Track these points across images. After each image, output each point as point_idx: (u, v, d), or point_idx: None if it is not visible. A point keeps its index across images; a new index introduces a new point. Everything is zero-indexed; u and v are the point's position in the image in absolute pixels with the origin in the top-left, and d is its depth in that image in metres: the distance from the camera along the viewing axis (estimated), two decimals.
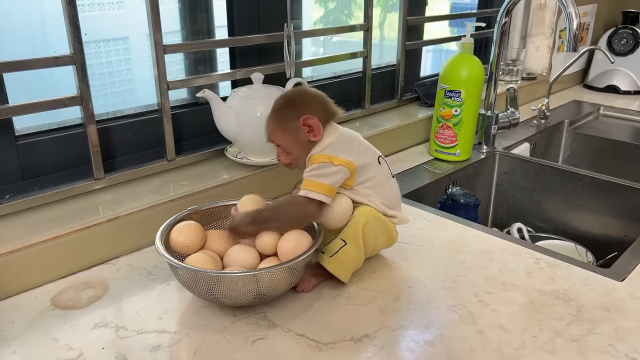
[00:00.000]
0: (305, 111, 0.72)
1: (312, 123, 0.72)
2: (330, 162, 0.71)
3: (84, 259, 0.79)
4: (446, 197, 1.09)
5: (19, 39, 0.87)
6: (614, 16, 2.03)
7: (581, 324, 0.68)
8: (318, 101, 0.75)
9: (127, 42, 1.02)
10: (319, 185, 0.70)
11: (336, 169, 0.71)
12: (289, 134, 0.73)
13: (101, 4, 0.94)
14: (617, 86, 1.89)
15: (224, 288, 0.65)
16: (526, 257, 0.84)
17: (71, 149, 0.89)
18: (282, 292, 0.70)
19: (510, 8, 1.20)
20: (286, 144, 0.74)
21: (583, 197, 1.21)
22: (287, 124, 0.73)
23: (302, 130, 0.72)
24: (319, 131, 0.73)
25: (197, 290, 0.68)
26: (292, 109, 0.73)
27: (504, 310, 0.71)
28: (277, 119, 0.74)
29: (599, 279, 0.78)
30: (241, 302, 0.68)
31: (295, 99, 0.75)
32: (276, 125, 0.74)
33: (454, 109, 1.18)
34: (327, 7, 1.48)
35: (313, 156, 0.73)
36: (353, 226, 0.74)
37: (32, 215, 0.81)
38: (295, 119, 0.72)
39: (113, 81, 1.01)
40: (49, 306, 0.71)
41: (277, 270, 0.66)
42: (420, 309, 0.71)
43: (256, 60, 1.10)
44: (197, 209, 0.78)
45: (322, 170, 0.71)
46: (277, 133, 0.74)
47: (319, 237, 0.72)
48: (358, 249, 0.74)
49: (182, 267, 0.66)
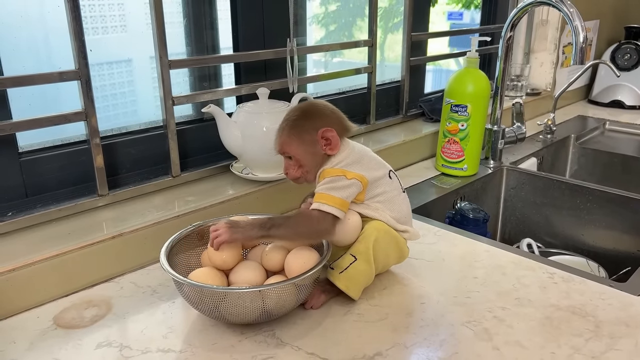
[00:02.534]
0: (324, 124, 0.71)
1: (330, 136, 0.70)
2: (343, 176, 0.70)
3: (87, 277, 0.78)
4: (455, 212, 1.08)
5: (24, 56, 0.86)
6: (617, 32, 2.03)
7: (600, 339, 0.66)
8: (336, 115, 0.73)
9: (130, 64, 1.02)
10: (333, 198, 0.68)
11: (349, 182, 0.70)
12: (305, 145, 0.71)
13: (105, 27, 0.94)
14: (622, 101, 1.88)
15: (230, 304, 0.63)
16: (539, 271, 0.82)
17: (75, 165, 0.88)
18: (289, 309, 0.68)
19: (515, 22, 1.20)
20: (300, 155, 0.72)
21: (593, 212, 1.19)
22: (305, 135, 0.71)
23: (320, 143, 0.71)
24: (336, 144, 0.71)
25: (202, 307, 0.66)
26: (311, 120, 0.71)
27: (520, 326, 0.68)
28: (293, 130, 0.71)
29: (615, 293, 0.76)
30: (247, 319, 0.66)
31: (314, 111, 0.73)
32: (292, 136, 0.71)
33: (461, 124, 1.17)
34: (327, 29, 1.48)
35: (325, 170, 0.71)
36: (363, 241, 0.72)
37: (35, 232, 0.80)
38: (314, 130, 0.70)
39: (116, 103, 1.01)
40: (51, 325, 0.69)
41: (284, 287, 0.64)
42: (433, 325, 0.69)
43: (261, 76, 1.10)
44: (201, 224, 0.77)
45: (335, 183, 0.69)
46: (292, 144, 0.72)
47: (327, 253, 0.70)
48: (369, 265, 0.72)
49: (188, 283, 0.64)
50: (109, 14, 0.95)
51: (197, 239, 0.76)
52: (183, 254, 0.74)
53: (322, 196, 0.69)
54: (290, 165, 0.73)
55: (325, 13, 1.44)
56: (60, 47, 0.81)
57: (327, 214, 0.68)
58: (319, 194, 0.69)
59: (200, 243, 0.76)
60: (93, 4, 0.92)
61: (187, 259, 0.75)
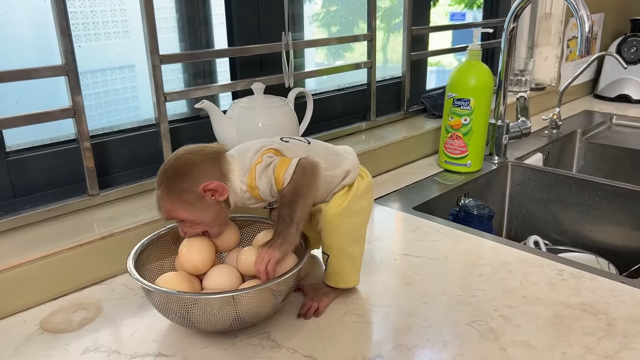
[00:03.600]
0: (200, 177, 0.63)
1: (213, 187, 0.63)
2: (258, 163, 0.64)
3: (76, 279, 0.75)
4: (458, 209, 1.04)
5: (10, 52, 0.84)
6: (622, 24, 1.99)
7: (613, 338, 0.62)
8: (206, 158, 0.65)
9: (133, 70, 1.00)
10: (281, 164, 0.63)
11: (265, 157, 0.65)
12: (191, 205, 0.63)
13: (107, 33, 0.93)
14: (628, 95, 1.84)
15: (200, 312, 0.58)
16: (548, 268, 0.78)
17: (64, 165, 0.85)
18: (264, 316, 0.63)
19: (518, 13, 1.17)
20: (193, 216, 0.64)
21: (602, 207, 1.16)
22: (186, 196, 0.63)
23: (206, 197, 0.63)
24: (223, 190, 0.63)
25: (170, 315, 0.61)
26: (186, 178, 0.63)
27: (527, 325, 0.65)
28: (172, 195, 0.63)
29: (628, 290, 0.73)
30: (218, 327, 0.61)
31: (184, 167, 0.64)
32: (173, 202, 0.63)
33: (464, 118, 1.14)
34: (329, 30, 1.46)
35: (249, 183, 0.64)
36: (327, 237, 0.68)
37: (23, 234, 0.77)
38: (194, 187, 0.63)
39: (119, 108, 0.99)
40: (37, 330, 0.66)
41: (258, 292, 0.59)
42: (436, 325, 0.65)
43: (257, 72, 1.07)
44: (176, 226, 0.70)
45: (265, 165, 0.64)
46: (177, 209, 0.63)
47: (305, 257, 0.65)
48: (343, 254, 0.69)
49: (153, 289, 0.59)
50: (111, 19, 0.93)
51: (171, 241, 0.72)
52: (156, 259, 0.70)
53: (276, 176, 0.63)
54: (185, 226, 0.65)
55: (325, 12, 1.41)
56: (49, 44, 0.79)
57: (296, 168, 0.63)
58: (275, 179, 0.63)
59: (175, 246, 0.70)
60: (95, 10, 0.91)
61: (161, 264, 0.70)
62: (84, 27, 0.90)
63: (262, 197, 0.65)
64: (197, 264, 0.66)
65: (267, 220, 0.76)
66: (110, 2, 0.93)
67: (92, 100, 0.94)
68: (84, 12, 0.90)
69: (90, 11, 0.91)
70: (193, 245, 0.66)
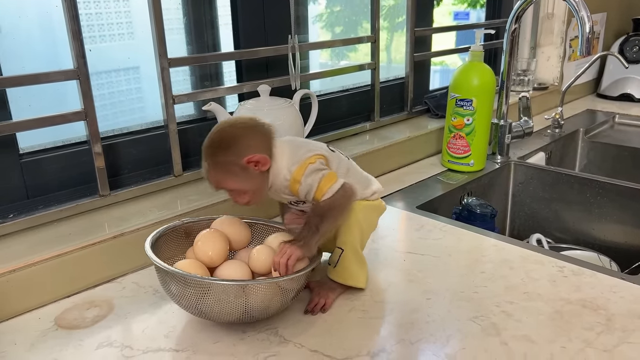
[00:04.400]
0: (245, 149, 0.66)
1: (256, 159, 0.66)
2: (309, 164, 0.68)
3: (88, 277, 0.77)
4: (462, 207, 1.06)
5: (24, 57, 0.86)
6: (625, 24, 2.00)
7: (612, 333, 0.64)
8: (251, 131, 0.68)
9: (138, 71, 1.02)
10: (326, 178, 0.67)
11: (319, 162, 0.69)
12: (237, 176, 0.67)
13: (112, 35, 0.95)
14: (631, 94, 1.85)
15: (213, 298, 0.60)
16: (549, 265, 0.80)
17: (76, 166, 0.87)
18: (272, 312, 0.65)
19: (520, 14, 1.18)
20: (239, 185, 0.68)
21: (604, 206, 1.17)
22: (232, 168, 0.66)
23: (251, 167, 0.67)
24: (265, 162, 0.67)
25: (184, 301, 0.63)
26: (230, 151, 0.66)
27: (528, 320, 0.67)
28: (219, 167, 0.67)
29: (627, 286, 0.74)
30: (228, 317, 0.63)
31: (228, 140, 0.67)
32: (219, 174, 0.67)
33: (466, 118, 1.16)
34: (333, 31, 1.47)
35: (294, 174, 0.68)
36: (346, 231, 0.71)
37: (36, 233, 0.79)
38: (239, 159, 0.66)
39: (124, 110, 1.01)
40: (52, 326, 0.68)
41: (270, 285, 0.62)
42: (439, 321, 0.67)
43: (263, 74, 1.09)
44: (189, 221, 0.75)
45: (313, 170, 0.68)
46: (225, 180, 0.68)
47: (317, 259, 0.68)
48: (357, 252, 0.72)
49: (171, 271, 0.61)
50: (116, 21, 0.95)
51: (183, 236, 0.74)
52: (168, 250, 0.72)
53: (321, 186, 0.67)
54: (235, 195, 0.69)
55: (329, 13, 1.43)
56: (61, 48, 0.81)
57: (338, 189, 0.68)
58: (319, 188, 0.67)
59: (186, 241, 0.73)
60: (100, 12, 0.93)
61: (172, 256, 0.72)
62: (89, 29, 0.92)
63: (297, 193, 0.69)
64: (212, 256, 0.68)
65: (277, 225, 0.78)
66: (115, 5, 0.94)
67: (98, 102, 0.96)
68: (89, 14, 0.92)
69: (95, 13, 0.92)
70: (208, 238, 0.69)
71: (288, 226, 0.76)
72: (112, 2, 0.94)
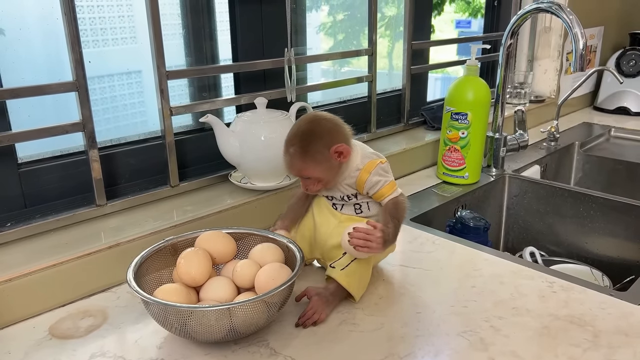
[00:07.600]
0: (333, 139, 0.73)
1: (342, 150, 0.73)
2: (380, 162, 0.76)
3: (84, 287, 0.78)
4: (455, 220, 1.07)
5: (23, 68, 0.87)
6: (622, 38, 2.02)
7: (598, 349, 0.65)
8: (337, 125, 0.76)
9: (140, 75, 1.03)
10: (393, 183, 0.77)
11: (387, 164, 0.78)
12: (321, 164, 0.74)
13: (115, 39, 0.96)
14: (628, 108, 1.87)
15: (196, 323, 0.61)
16: (539, 280, 0.81)
17: (74, 176, 0.88)
18: (259, 327, 0.66)
19: (515, 30, 1.20)
20: (320, 174, 0.75)
21: (597, 220, 1.18)
22: (318, 157, 0.73)
23: (333, 157, 0.73)
24: (348, 153, 0.74)
25: (167, 326, 0.64)
26: (319, 141, 0.73)
27: (516, 335, 0.68)
28: (306, 155, 0.73)
29: (615, 302, 0.75)
30: (214, 338, 0.63)
31: (318, 131, 0.74)
32: (307, 161, 0.74)
33: (461, 132, 1.17)
34: (335, 38, 1.49)
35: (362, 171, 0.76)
36: None
37: (33, 242, 0.80)
38: (325, 149, 0.73)
39: (126, 114, 1.02)
40: (46, 335, 0.69)
41: (253, 304, 0.62)
42: (429, 335, 0.68)
43: (261, 86, 1.10)
44: (174, 239, 0.75)
45: (384, 171, 0.77)
46: (308, 168, 0.74)
47: (298, 270, 0.68)
48: (367, 264, 0.76)
49: (152, 301, 0.62)
50: (119, 25, 0.96)
51: (170, 253, 0.74)
52: (155, 270, 0.72)
53: (386, 188, 0.76)
54: (310, 182, 0.76)
55: (332, 22, 1.44)
56: (60, 60, 0.83)
57: (398, 196, 0.77)
58: (385, 187, 0.76)
59: (173, 258, 0.73)
60: (103, 16, 0.94)
61: (160, 274, 0.73)
62: (92, 32, 0.93)
63: (361, 185, 0.76)
64: (194, 276, 0.68)
65: (262, 233, 0.79)
66: (118, 9, 0.96)
67: (99, 106, 0.97)
68: (92, 18, 0.93)
69: (98, 17, 0.94)
70: (190, 258, 0.69)
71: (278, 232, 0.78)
72: (115, 7, 0.95)
